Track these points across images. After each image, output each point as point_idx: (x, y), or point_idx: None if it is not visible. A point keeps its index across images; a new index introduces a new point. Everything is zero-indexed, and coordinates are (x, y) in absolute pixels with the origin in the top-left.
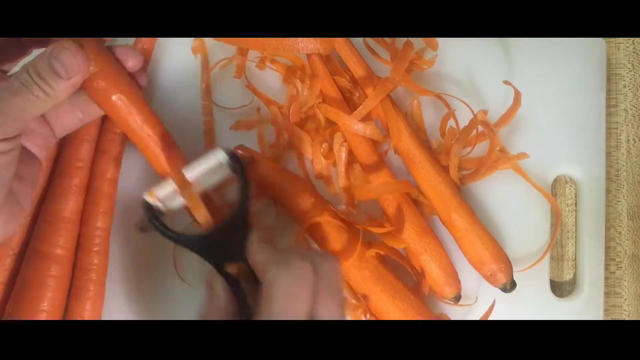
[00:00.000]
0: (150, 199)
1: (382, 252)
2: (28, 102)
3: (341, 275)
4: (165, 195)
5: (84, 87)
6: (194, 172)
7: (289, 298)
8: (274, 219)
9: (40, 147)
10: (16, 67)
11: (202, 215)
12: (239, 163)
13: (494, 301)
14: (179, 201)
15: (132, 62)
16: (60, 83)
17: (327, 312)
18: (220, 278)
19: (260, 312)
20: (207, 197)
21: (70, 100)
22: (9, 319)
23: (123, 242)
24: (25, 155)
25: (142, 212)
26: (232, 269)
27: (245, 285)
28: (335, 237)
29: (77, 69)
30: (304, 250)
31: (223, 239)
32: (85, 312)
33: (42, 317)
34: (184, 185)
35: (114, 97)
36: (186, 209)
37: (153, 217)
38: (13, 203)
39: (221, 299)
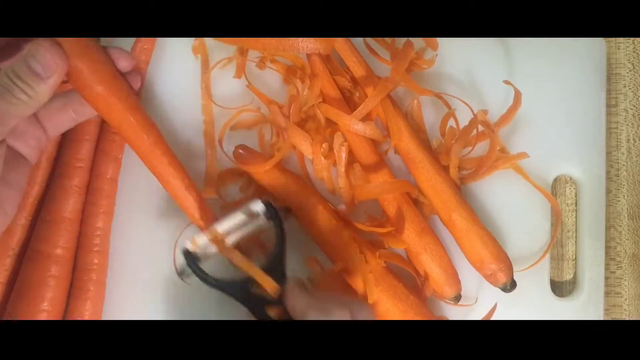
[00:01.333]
0: (190, 246)
1: (387, 261)
2: (9, 105)
3: None
4: (204, 242)
5: (75, 87)
6: (229, 223)
7: None
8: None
9: (32, 148)
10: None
11: (240, 263)
12: (275, 213)
13: (496, 304)
14: (215, 251)
15: (123, 64)
16: (41, 83)
17: None
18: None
19: None
20: (245, 245)
21: (63, 99)
22: (9, 319)
23: (123, 242)
24: (13, 158)
25: (181, 259)
26: (270, 313)
27: None
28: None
29: (55, 67)
30: (342, 298)
31: (260, 286)
32: (86, 312)
33: (43, 317)
34: (216, 239)
35: (98, 90)
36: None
37: (193, 264)
38: None
39: None
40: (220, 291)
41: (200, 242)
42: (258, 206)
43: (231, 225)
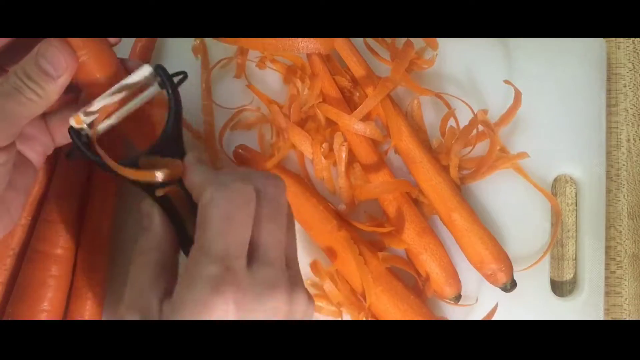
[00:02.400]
0: (76, 124)
1: (390, 264)
2: (21, 105)
3: (287, 199)
4: (92, 119)
5: (80, 82)
6: (118, 93)
7: (228, 222)
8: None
9: (38, 154)
10: None
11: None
12: (168, 78)
13: (497, 304)
14: (106, 124)
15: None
16: (51, 83)
17: (271, 240)
18: (156, 205)
19: (196, 239)
20: (137, 117)
21: (74, 109)
22: (10, 319)
23: (123, 242)
24: (21, 162)
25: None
26: (161, 191)
27: (182, 212)
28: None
29: (65, 65)
30: (246, 171)
31: (156, 162)
32: (86, 312)
33: (43, 317)
34: (104, 112)
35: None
36: (113, 132)
37: (80, 143)
38: (2, 213)
39: (159, 228)
40: (109, 172)
41: (87, 118)
42: (147, 70)
43: (120, 96)
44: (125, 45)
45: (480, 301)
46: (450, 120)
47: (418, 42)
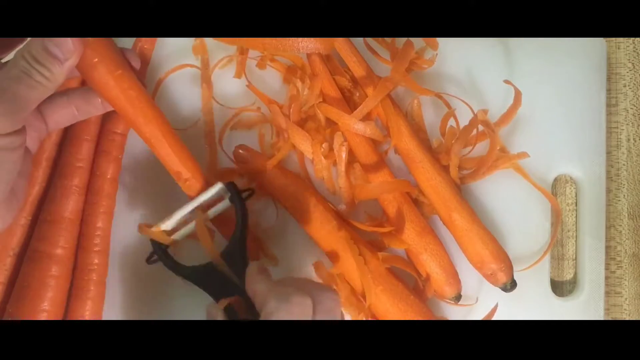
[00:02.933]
0: (156, 237)
1: (390, 265)
2: (29, 88)
3: (341, 311)
4: (171, 228)
5: (84, 77)
6: (195, 204)
7: None
8: (273, 219)
9: (34, 140)
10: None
11: (206, 241)
12: (237, 194)
13: (497, 304)
14: (182, 234)
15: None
16: (58, 65)
17: None
18: (220, 311)
19: None
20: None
21: (67, 96)
22: (10, 319)
23: (123, 242)
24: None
25: (149, 245)
26: (223, 303)
27: (243, 316)
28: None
29: (73, 48)
30: (304, 282)
31: (222, 270)
32: (86, 312)
33: (43, 317)
34: (191, 215)
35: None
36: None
37: (159, 250)
38: (11, 196)
39: None
40: (183, 277)
41: (167, 227)
42: (219, 188)
43: (195, 209)
44: (126, 46)
45: (480, 301)
46: (450, 120)
47: (418, 42)
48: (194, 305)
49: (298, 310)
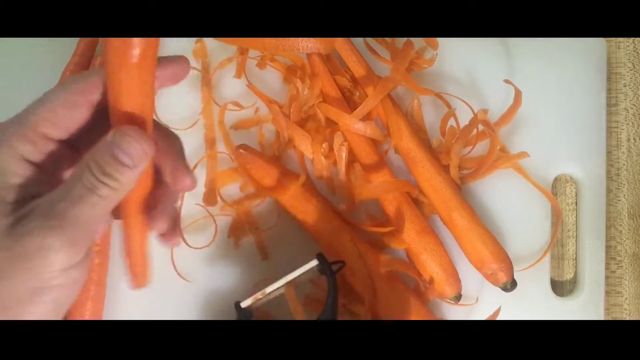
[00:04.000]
0: (243, 303)
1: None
2: (92, 207)
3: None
4: (256, 298)
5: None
6: (289, 278)
7: None
8: (274, 220)
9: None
10: None
11: (298, 313)
12: (329, 267)
13: (500, 307)
14: (266, 301)
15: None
16: (127, 173)
17: None
18: None
19: None
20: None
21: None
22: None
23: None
24: None
25: (235, 314)
26: None
27: None
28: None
29: (144, 155)
30: None
31: None
32: (86, 312)
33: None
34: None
35: None
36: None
37: (244, 318)
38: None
39: None
40: None
41: (251, 299)
42: (313, 263)
43: (285, 282)
44: None
45: (480, 301)
46: (451, 120)
47: (418, 41)
48: (195, 305)
49: None
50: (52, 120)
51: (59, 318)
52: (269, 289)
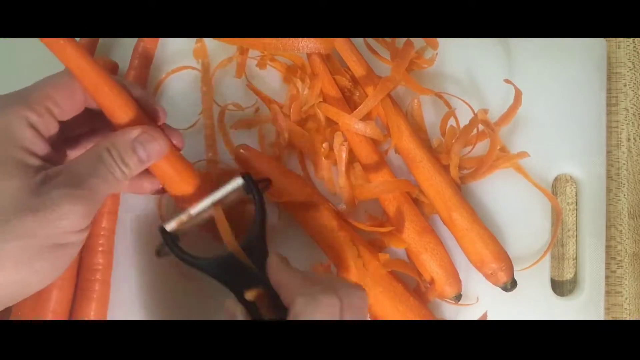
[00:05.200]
0: (168, 228)
1: (391, 269)
2: (105, 183)
3: (367, 310)
4: (181, 221)
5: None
6: (213, 198)
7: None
8: (276, 219)
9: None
10: None
11: (226, 233)
12: (254, 185)
13: (486, 312)
14: (194, 224)
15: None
16: (140, 167)
17: None
18: (240, 306)
19: None
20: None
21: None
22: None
23: (128, 242)
24: None
25: (159, 238)
26: (251, 294)
27: (265, 313)
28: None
29: (159, 155)
30: (330, 279)
31: (241, 262)
32: (91, 312)
33: (49, 317)
34: (211, 205)
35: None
36: (203, 230)
37: (170, 242)
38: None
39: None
40: (199, 269)
41: (179, 222)
42: (237, 181)
43: (210, 202)
44: (127, 46)
45: (480, 301)
46: (451, 120)
47: (418, 41)
48: (195, 306)
49: (326, 310)
50: (54, 98)
51: (60, 273)
52: (193, 210)
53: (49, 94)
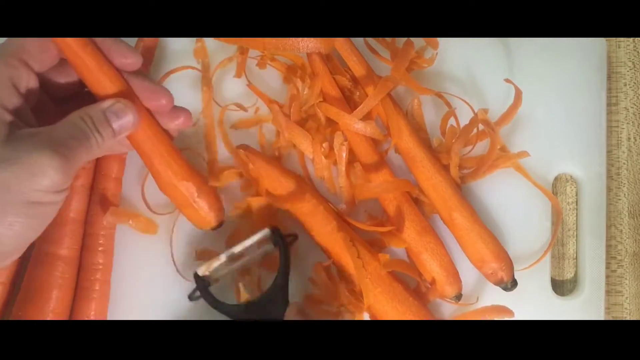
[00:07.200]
0: (201, 271)
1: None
2: (83, 149)
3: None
4: (214, 268)
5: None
6: (239, 249)
7: None
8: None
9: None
10: None
11: (252, 283)
12: (281, 239)
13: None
14: (224, 273)
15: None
16: (111, 137)
17: None
18: None
19: None
20: (252, 269)
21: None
22: (17, 319)
23: (128, 242)
24: None
25: (193, 283)
26: None
27: None
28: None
29: (130, 127)
30: None
31: (262, 310)
32: (91, 312)
33: (49, 317)
34: (226, 264)
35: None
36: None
37: (202, 288)
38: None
39: None
40: (224, 314)
41: (211, 267)
42: (265, 233)
43: (240, 251)
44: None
45: (481, 300)
46: (451, 119)
47: (418, 41)
48: (195, 306)
49: None
50: (28, 50)
51: (33, 239)
52: (222, 257)
53: (23, 46)
